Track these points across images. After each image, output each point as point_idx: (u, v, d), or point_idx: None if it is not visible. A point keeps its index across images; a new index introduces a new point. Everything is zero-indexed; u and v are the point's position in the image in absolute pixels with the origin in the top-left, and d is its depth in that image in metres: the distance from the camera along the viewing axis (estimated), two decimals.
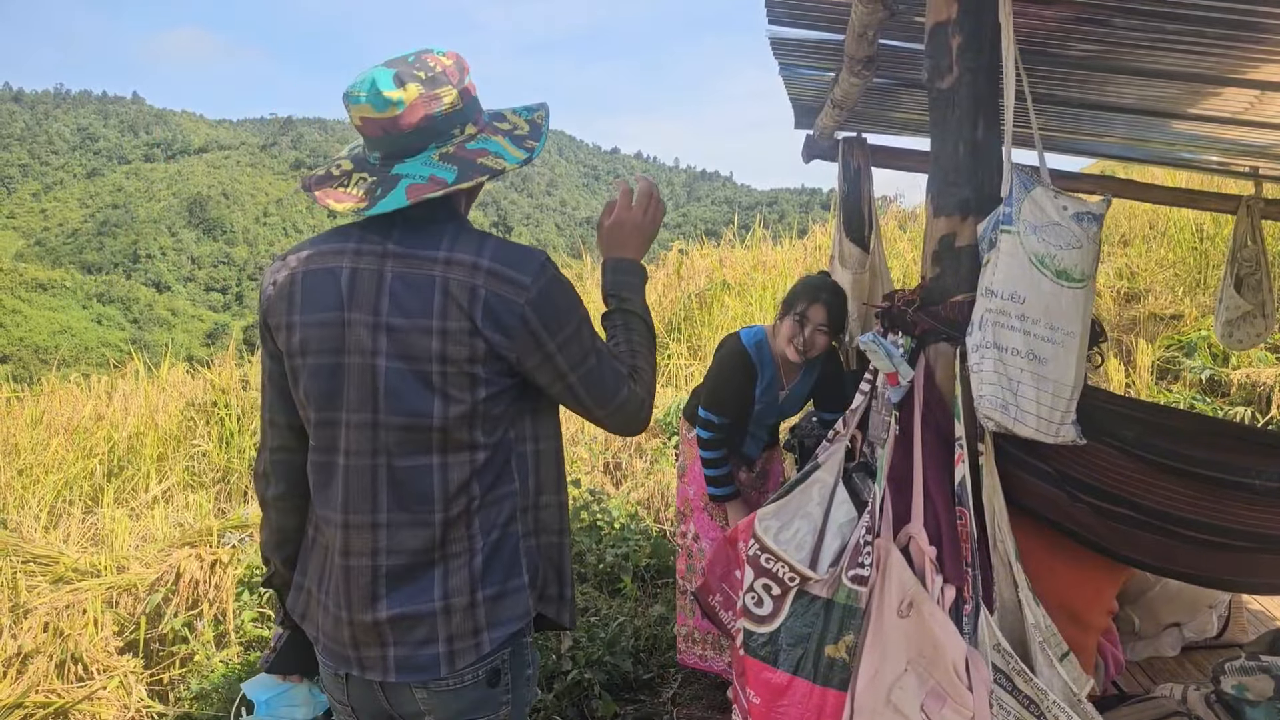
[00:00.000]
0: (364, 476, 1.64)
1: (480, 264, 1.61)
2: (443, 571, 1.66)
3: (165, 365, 9.10)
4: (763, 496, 3.76)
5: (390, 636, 1.66)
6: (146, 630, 4.12)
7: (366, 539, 1.65)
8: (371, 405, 1.62)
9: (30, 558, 4.65)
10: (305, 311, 1.66)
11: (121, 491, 6.44)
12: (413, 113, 1.63)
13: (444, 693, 1.68)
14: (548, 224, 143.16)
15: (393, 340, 1.60)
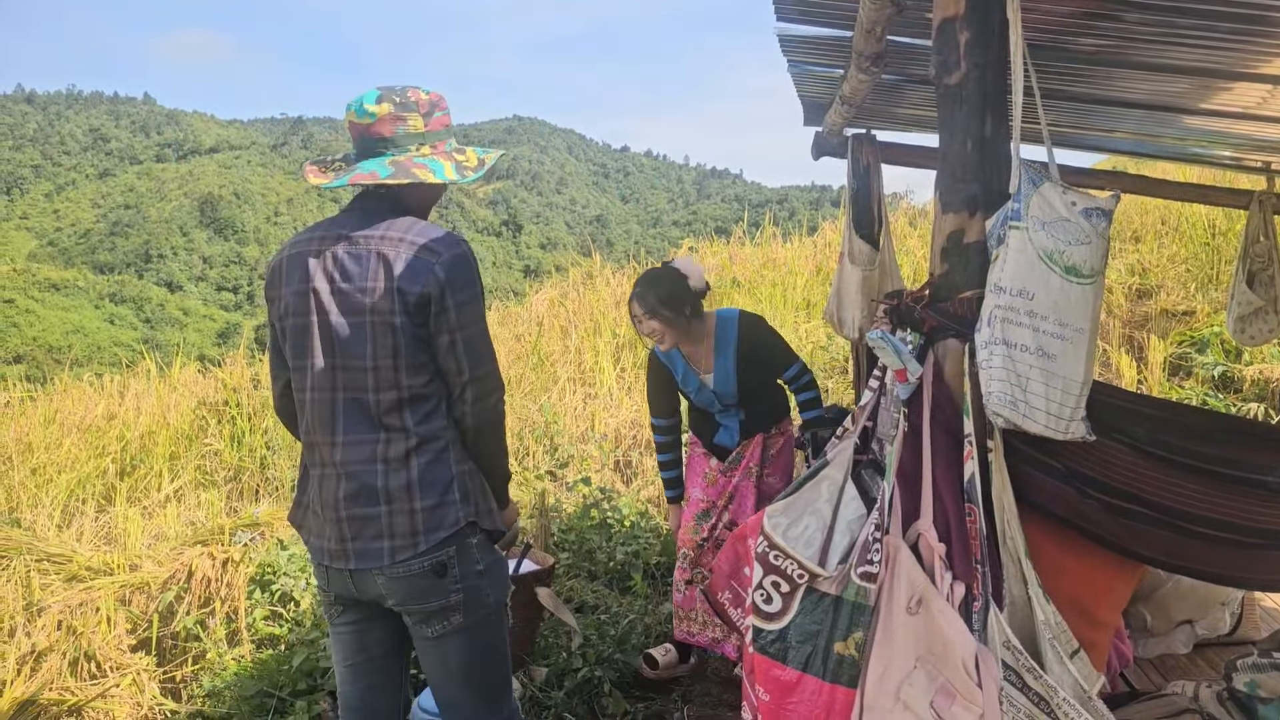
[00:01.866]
0: (325, 408, 2.15)
1: (406, 237, 2.12)
2: (384, 485, 2.12)
3: (177, 364, 9.14)
4: (729, 481, 3.78)
5: (349, 531, 2.14)
6: (159, 628, 4.13)
7: (329, 454, 2.15)
8: (329, 351, 2.13)
9: (44, 556, 4.68)
10: (286, 285, 2.19)
11: (134, 490, 6.47)
12: (381, 125, 2.19)
13: (397, 579, 2.13)
14: (557, 222, 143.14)
15: (341, 300, 2.11)
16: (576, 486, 5.70)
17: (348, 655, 2.34)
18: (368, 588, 2.18)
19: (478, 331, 2.18)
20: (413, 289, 2.08)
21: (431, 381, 2.17)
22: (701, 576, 3.74)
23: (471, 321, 2.17)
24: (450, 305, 2.12)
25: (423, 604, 2.15)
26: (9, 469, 6.57)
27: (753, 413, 3.77)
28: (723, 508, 3.75)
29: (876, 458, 2.48)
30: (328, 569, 2.22)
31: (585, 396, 7.51)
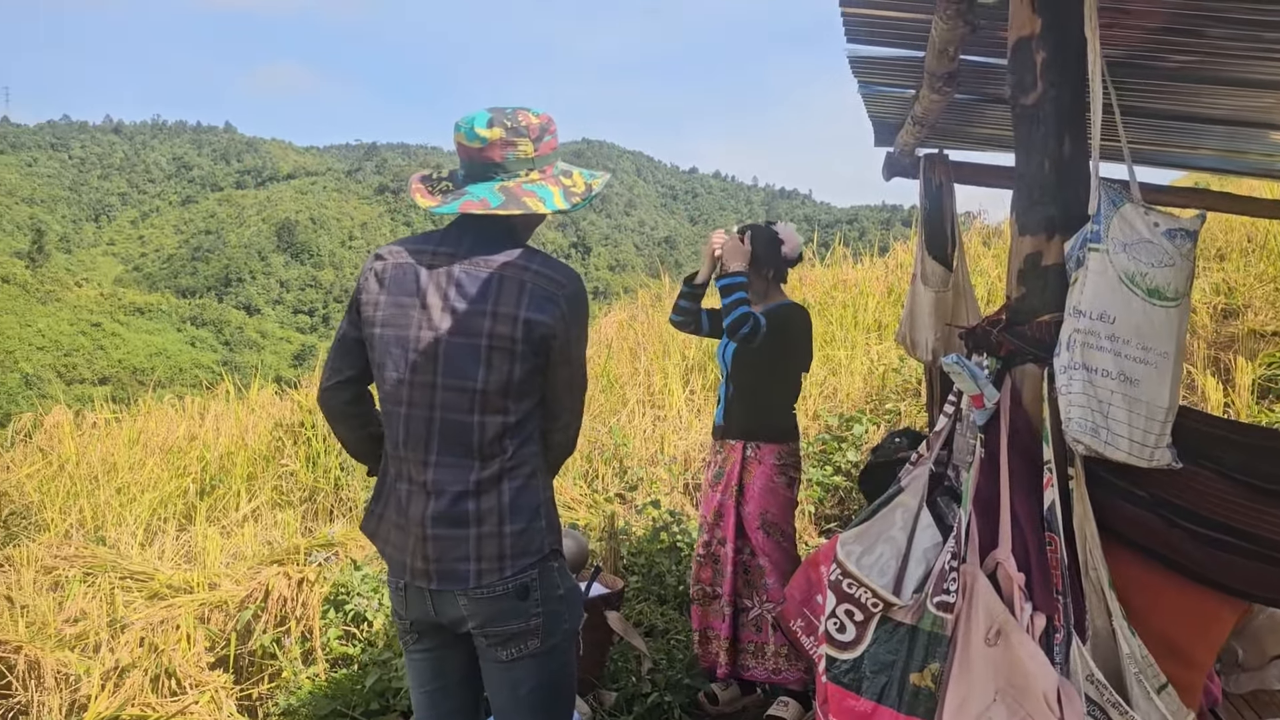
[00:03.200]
0: (420, 425, 2.13)
1: (530, 266, 2.12)
2: (476, 507, 2.11)
3: (255, 386, 9.36)
4: (714, 496, 3.73)
5: (434, 551, 2.12)
6: (236, 646, 4.21)
7: (420, 472, 2.13)
8: (431, 369, 2.10)
9: (127, 574, 4.81)
10: (388, 293, 2.16)
11: (213, 510, 6.62)
12: (491, 150, 2.16)
13: (480, 600, 2.11)
14: (626, 244, 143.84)
15: (455, 319, 2.10)
16: (646, 509, 5.69)
17: (424, 682, 2.33)
18: (448, 609, 2.16)
19: (581, 371, 2.25)
20: (538, 318, 2.08)
21: (535, 409, 2.18)
22: (702, 593, 3.72)
23: (583, 355, 2.23)
24: (571, 339, 2.15)
25: (503, 626, 2.14)
26: (95, 488, 6.77)
27: (740, 396, 3.69)
28: (713, 524, 3.73)
29: (952, 484, 2.44)
30: (406, 589, 2.20)
31: (654, 419, 7.51)
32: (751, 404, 3.69)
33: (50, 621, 4.29)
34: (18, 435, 7.91)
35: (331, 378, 2.28)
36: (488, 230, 2.18)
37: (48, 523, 6.10)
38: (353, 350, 2.24)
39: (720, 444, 3.76)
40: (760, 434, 3.67)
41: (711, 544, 3.72)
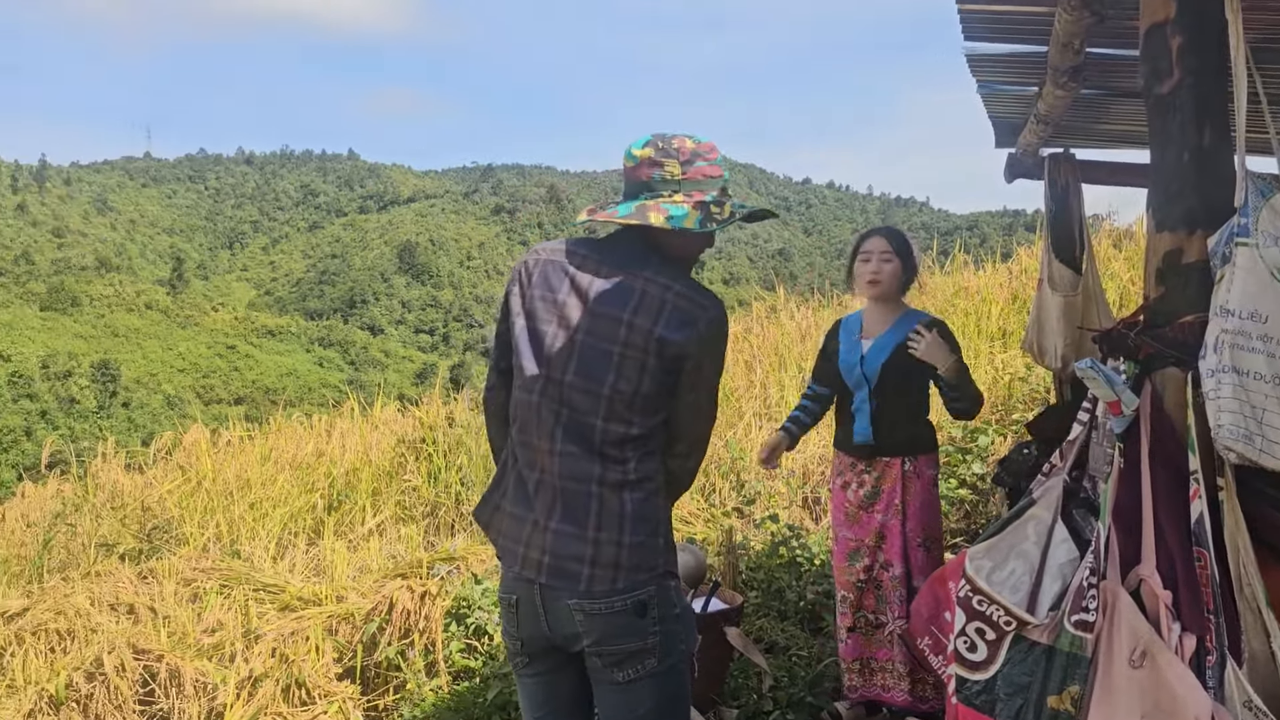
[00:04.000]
0: (548, 417, 2.13)
1: (674, 285, 2.11)
2: (598, 509, 2.09)
3: (378, 404, 9.62)
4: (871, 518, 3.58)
5: (551, 544, 2.10)
6: (363, 658, 4.31)
7: (548, 461, 2.13)
8: (563, 367, 2.12)
9: (260, 586, 4.97)
10: (537, 289, 2.20)
11: (340, 524, 6.81)
12: (640, 169, 2.19)
13: (596, 615, 2.07)
14: (739, 257, 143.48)
15: (593, 322, 2.11)
16: (764, 523, 5.62)
17: (535, 706, 2.31)
18: (562, 624, 2.12)
19: (710, 399, 2.22)
20: (674, 338, 2.06)
21: (659, 426, 2.15)
22: (865, 621, 3.58)
23: (714, 385, 2.21)
24: (704, 364, 2.13)
25: (619, 644, 2.10)
26: (230, 503, 7.05)
27: (889, 410, 3.57)
28: (874, 547, 3.59)
29: (1089, 496, 2.31)
30: (518, 603, 2.18)
31: (771, 432, 7.43)
32: (904, 417, 3.59)
33: (190, 631, 4.46)
34: (160, 453, 8.30)
35: (490, 377, 2.34)
36: (638, 246, 2.19)
37: (187, 536, 6.37)
38: (507, 346, 2.26)
39: (869, 462, 3.60)
40: (916, 447, 3.59)
41: (874, 568, 3.58)
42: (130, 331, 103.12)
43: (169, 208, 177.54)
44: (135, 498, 7.06)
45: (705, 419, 2.23)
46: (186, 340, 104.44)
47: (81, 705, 3.95)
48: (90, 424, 75.42)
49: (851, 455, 3.64)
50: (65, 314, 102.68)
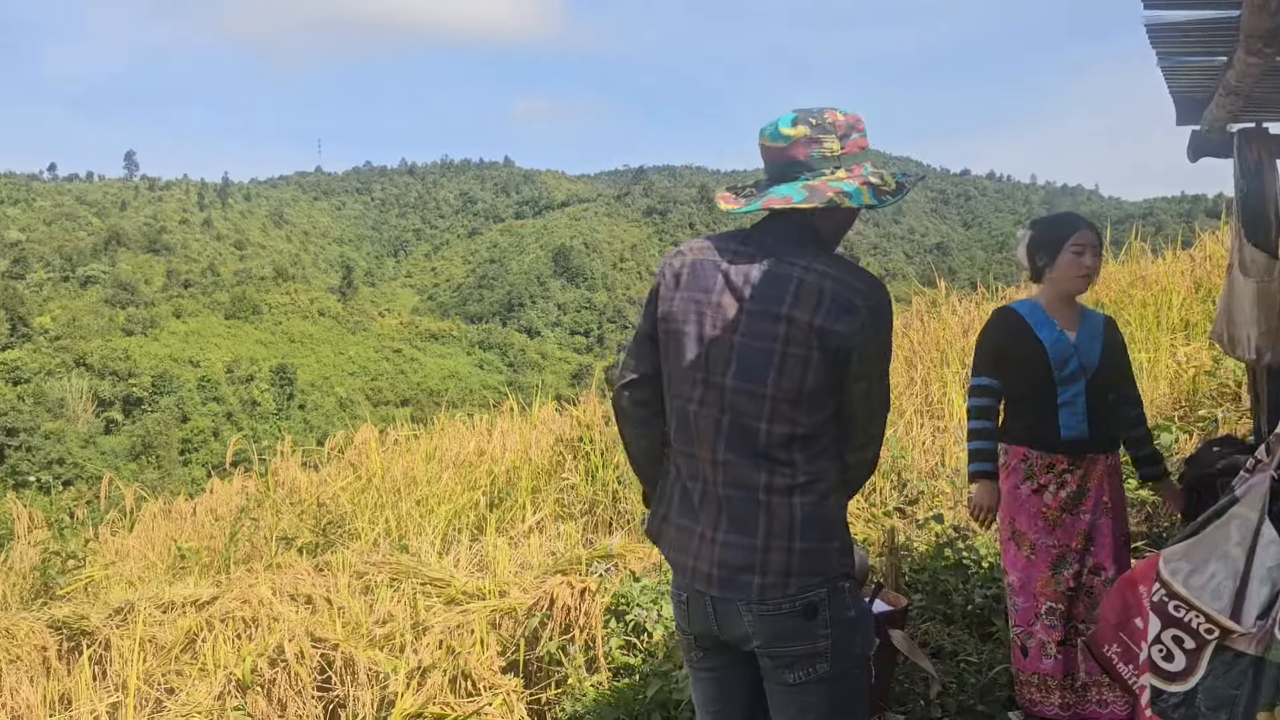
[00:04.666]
0: (709, 424, 2.06)
1: (831, 272, 2.02)
2: (765, 518, 2.02)
3: (536, 404, 9.81)
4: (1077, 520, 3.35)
5: (720, 555, 2.05)
6: (525, 652, 4.38)
7: (711, 471, 2.07)
8: (723, 370, 2.04)
9: (427, 580, 5.12)
10: (687, 290, 2.11)
11: (501, 521, 6.96)
12: (795, 148, 2.09)
13: (765, 617, 2.02)
14: (895, 253, 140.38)
15: (750, 321, 2.03)
16: (928, 524, 5.43)
17: (708, 702, 2.26)
18: (732, 625, 2.08)
19: (882, 386, 2.12)
20: (835, 328, 1.97)
21: (828, 422, 2.06)
22: (1077, 632, 3.37)
23: (884, 371, 2.11)
24: (871, 352, 2.03)
25: (789, 647, 2.04)
26: (398, 500, 7.31)
27: (1100, 403, 3.38)
28: (1081, 551, 3.37)
29: None
30: (689, 601, 2.15)
31: (934, 430, 7.19)
32: (1111, 408, 3.44)
33: (362, 622, 4.63)
34: (333, 452, 8.69)
35: (625, 375, 2.25)
36: (791, 232, 2.10)
37: (359, 531, 6.64)
38: (646, 346, 2.20)
39: (1075, 460, 3.39)
40: (1117, 441, 3.47)
41: (1082, 574, 3.39)
42: (305, 337, 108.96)
43: (339, 219, 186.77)
44: (311, 494, 7.42)
45: (880, 406, 2.13)
46: (356, 345, 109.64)
47: (265, 690, 4.15)
48: (270, 425, 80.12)
49: (1052, 454, 3.41)
50: (247, 321, 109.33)
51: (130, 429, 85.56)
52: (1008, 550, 3.53)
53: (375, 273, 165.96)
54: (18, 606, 5.55)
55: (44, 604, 5.37)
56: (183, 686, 4.29)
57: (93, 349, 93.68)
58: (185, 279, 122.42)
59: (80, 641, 4.55)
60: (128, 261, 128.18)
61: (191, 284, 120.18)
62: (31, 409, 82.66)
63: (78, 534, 6.27)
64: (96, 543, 6.71)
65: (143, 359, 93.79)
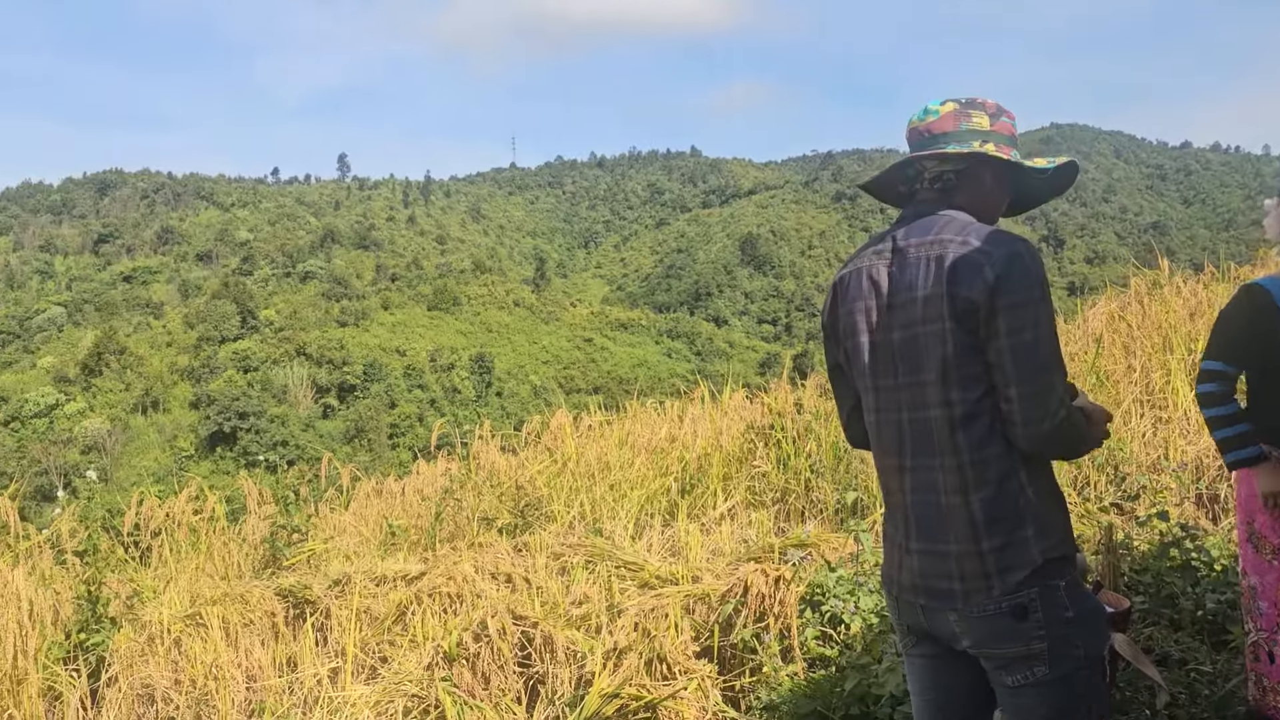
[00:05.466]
0: (891, 430, 2.07)
1: (958, 238, 1.97)
2: (946, 520, 1.98)
3: (726, 391, 9.78)
4: None
5: (918, 565, 2.03)
6: (719, 638, 4.36)
7: (898, 480, 2.07)
8: (889, 370, 2.05)
9: (621, 563, 5.19)
10: (843, 304, 2.15)
11: (693, 507, 6.98)
12: (944, 121, 2.10)
13: (972, 619, 1.96)
14: (1106, 234, 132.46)
15: (895, 314, 2.03)
16: (1150, 522, 5.06)
17: (923, 689, 2.20)
18: (941, 626, 2.05)
19: (1032, 339, 1.91)
20: (960, 292, 1.92)
21: (984, 398, 1.96)
22: None
23: (1025, 327, 1.91)
24: (1000, 308, 1.89)
25: (999, 649, 1.96)
26: (592, 484, 7.44)
27: None
28: None
29: None
30: (898, 600, 2.14)
31: (1155, 420, 6.70)
32: None
33: (560, 602, 4.74)
34: (530, 436, 8.95)
35: (841, 413, 2.30)
36: (931, 211, 2.09)
37: (555, 514, 6.80)
38: (838, 376, 2.24)
39: None
40: None
41: None
42: (501, 327, 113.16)
43: (532, 212, 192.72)
44: (510, 477, 7.66)
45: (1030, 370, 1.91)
46: (549, 334, 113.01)
47: (470, 663, 4.31)
48: (470, 411, 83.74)
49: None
50: (448, 313, 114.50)
51: (345, 414, 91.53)
52: (1245, 551, 3.25)
53: (566, 264, 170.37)
54: (250, 575, 6.00)
55: (272, 573, 5.79)
56: (394, 656, 4.52)
57: (311, 339, 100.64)
58: (392, 273, 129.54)
59: (304, 609, 4.87)
60: (341, 257, 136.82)
61: (398, 278, 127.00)
62: (259, 395, 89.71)
63: (301, 510, 6.72)
64: (317, 518, 7.16)
65: (355, 348, 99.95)
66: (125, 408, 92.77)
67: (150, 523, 6.56)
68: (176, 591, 5.12)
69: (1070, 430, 1.96)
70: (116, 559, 6.07)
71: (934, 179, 2.11)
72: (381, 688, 4.25)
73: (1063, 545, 1.98)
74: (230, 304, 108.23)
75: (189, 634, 4.56)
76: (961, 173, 2.10)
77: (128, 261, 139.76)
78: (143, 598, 5.21)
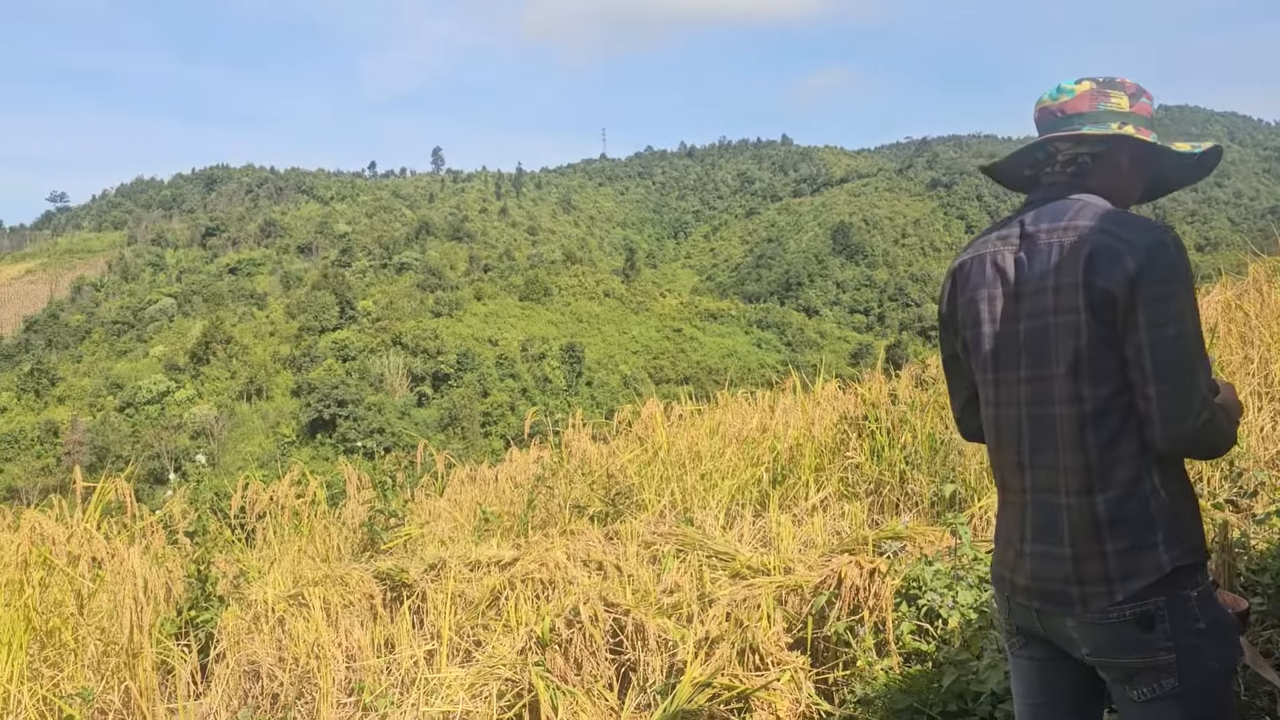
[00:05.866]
0: (1010, 425, 1.98)
1: (1095, 225, 1.86)
2: (1068, 521, 1.88)
3: (819, 381, 9.67)
4: None
5: (1033, 568, 1.94)
6: (812, 630, 4.31)
7: (1016, 478, 1.98)
8: (1013, 361, 1.95)
9: (712, 553, 5.17)
10: (962, 293, 2.06)
11: (784, 498, 6.91)
12: (1079, 101, 1.98)
13: (1091, 626, 1.86)
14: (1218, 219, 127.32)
15: (1022, 303, 1.93)
16: (1269, 520, 4.83)
17: (1028, 692, 2.11)
18: (1056, 630, 1.95)
19: (1175, 334, 1.81)
20: (1098, 282, 1.82)
21: (1118, 395, 1.86)
22: None
23: (1168, 321, 1.81)
24: (1140, 302, 1.80)
25: (1122, 659, 1.85)
26: (683, 473, 7.44)
27: None
28: None
29: None
30: (1010, 602, 2.05)
31: (1274, 414, 6.39)
32: None
33: (651, 591, 4.75)
34: (620, 425, 8.98)
35: (955, 405, 2.23)
36: (1061, 196, 1.98)
37: (646, 503, 6.82)
38: (953, 367, 2.17)
39: None
40: None
41: None
42: (591, 317, 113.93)
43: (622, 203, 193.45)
44: (601, 465, 7.70)
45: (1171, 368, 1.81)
46: (638, 325, 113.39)
47: (562, 648, 4.35)
48: (560, 400, 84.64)
49: None
50: (539, 303, 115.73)
51: (439, 402, 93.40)
52: None
53: (656, 254, 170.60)
54: (349, 557, 6.15)
55: (370, 556, 5.92)
56: (488, 640, 4.58)
57: (406, 329, 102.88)
58: (485, 264, 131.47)
59: (401, 592, 4.97)
60: (435, 249, 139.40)
61: (490, 268, 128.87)
62: (357, 383, 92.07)
63: (398, 495, 6.86)
64: (413, 504, 7.31)
65: (449, 338, 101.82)
66: (231, 395, 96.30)
67: (255, 506, 6.78)
68: (280, 572, 5.27)
69: (1213, 430, 1.86)
70: (224, 540, 6.29)
71: (1067, 162, 2.01)
72: (476, 670, 4.31)
73: (1195, 553, 1.87)
74: (329, 295, 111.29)
75: (292, 613, 4.69)
76: (1098, 155, 1.99)
77: (233, 254, 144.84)
78: (248, 577, 5.38)
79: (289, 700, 4.38)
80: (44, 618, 4.21)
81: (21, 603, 4.09)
